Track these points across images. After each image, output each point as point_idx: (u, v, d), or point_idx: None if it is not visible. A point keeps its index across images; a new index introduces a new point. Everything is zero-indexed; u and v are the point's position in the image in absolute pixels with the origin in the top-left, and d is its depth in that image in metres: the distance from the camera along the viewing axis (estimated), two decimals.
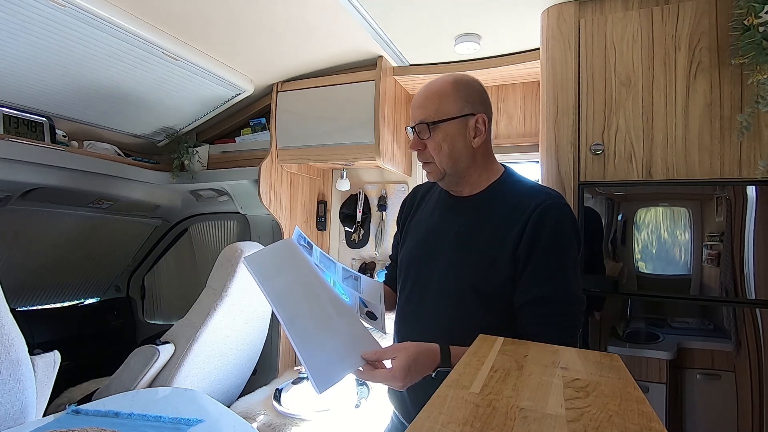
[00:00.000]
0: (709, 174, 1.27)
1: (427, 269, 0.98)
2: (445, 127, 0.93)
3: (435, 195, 1.07)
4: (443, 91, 0.93)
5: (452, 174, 0.96)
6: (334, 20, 1.62)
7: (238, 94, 2.08)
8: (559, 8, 1.48)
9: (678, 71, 1.32)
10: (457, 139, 0.93)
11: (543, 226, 0.86)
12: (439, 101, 0.93)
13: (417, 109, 0.95)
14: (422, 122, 0.93)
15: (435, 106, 0.93)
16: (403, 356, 0.77)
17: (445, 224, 0.99)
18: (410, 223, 1.08)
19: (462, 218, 0.97)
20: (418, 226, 1.05)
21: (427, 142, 0.94)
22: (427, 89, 0.95)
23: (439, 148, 0.93)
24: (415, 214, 1.08)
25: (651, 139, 1.34)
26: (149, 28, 1.55)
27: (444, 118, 0.92)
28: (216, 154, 2.31)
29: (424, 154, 0.96)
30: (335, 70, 2.05)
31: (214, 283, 1.69)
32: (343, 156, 2.01)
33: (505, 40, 1.74)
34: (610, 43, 1.40)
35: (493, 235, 0.91)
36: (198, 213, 2.56)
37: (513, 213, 0.90)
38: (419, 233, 1.03)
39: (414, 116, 0.95)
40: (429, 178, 1.00)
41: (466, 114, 0.93)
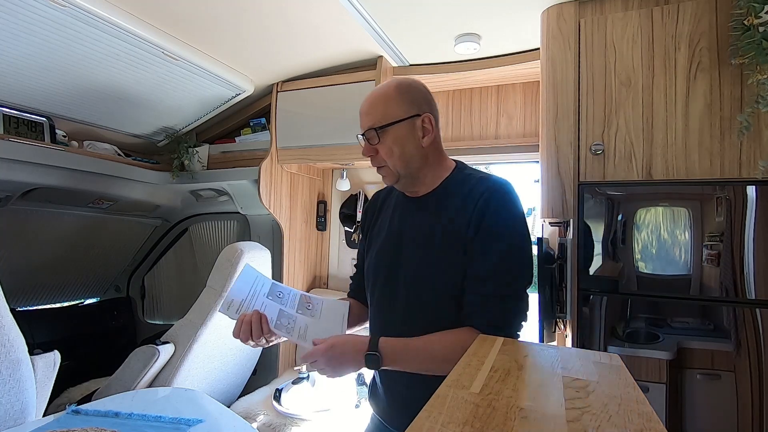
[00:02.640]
0: (709, 174, 1.27)
1: (393, 274, 0.98)
2: (393, 131, 0.94)
3: (394, 199, 1.07)
4: (387, 96, 0.95)
5: (406, 175, 0.97)
6: (334, 20, 1.62)
7: (238, 94, 2.08)
8: (559, 8, 1.48)
9: (678, 71, 1.32)
10: (407, 141, 0.94)
11: (486, 211, 0.89)
12: (385, 106, 0.94)
13: (364, 117, 0.96)
14: (371, 128, 0.94)
15: (381, 111, 0.94)
16: (331, 339, 0.86)
17: (405, 226, 1.00)
18: (373, 230, 1.09)
19: (419, 218, 0.98)
20: (380, 232, 1.05)
21: (378, 147, 0.95)
22: (372, 96, 0.97)
23: (391, 152, 0.94)
24: (376, 221, 1.09)
25: (651, 139, 1.34)
26: (149, 28, 1.55)
27: (391, 122, 0.93)
28: (216, 154, 2.31)
29: (376, 158, 0.96)
30: (335, 70, 2.05)
31: (214, 283, 1.69)
32: (343, 156, 2.01)
33: (505, 40, 1.74)
34: (610, 43, 1.40)
35: (449, 230, 0.93)
36: (198, 213, 2.56)
37: (464, 205, 0.93)
38: (381, 239, 1.03)
39: (362, 124, 0.96)
40: (385, 182, 1.01)
41: (413, 115, 0.94)
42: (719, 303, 1.28)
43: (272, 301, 0.97)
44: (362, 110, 0.97)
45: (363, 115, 0.96)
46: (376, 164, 0.98)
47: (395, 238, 1.00)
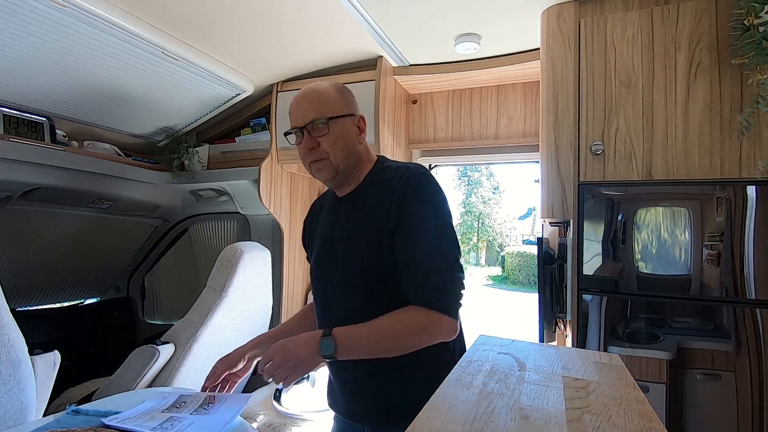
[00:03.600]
0: (709, 174, 1.27)
1: (328, 278, 1.00)
2: (340, 123, 0.96)
3: (325, 204, 1.09)
4: (329, 93, 0.97)
5: (344, 170, 0.97)
6: (334, 20, 1.62)
7: (238, 94, 2.08)
8: (559, 8, 1.48)
9: (678, 71, 1.32)
10: (350, 135, 0.97)
11: (405, 195, 0.92)
12: (328, 101, 0.96)
13: (307, 109, 0.95)
14: (318, 119, 0.94)
15: (326, 104, 0.96)
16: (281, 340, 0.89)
17: (336, 226, 1.02)
18: (312, 238, 1.09)
19: (345, 216, 1.00)
20: (316, 239, 1.06)
21: (322, 140, 0.94)
22: (311, 91, 0.97)
23: (335, 144, 0.95)
24: (314, 230, 1.09)
25: (651, 139, 1.34)
26: (149, 28, 1.55)
27: (339, 115, 0.95)
28: (216, 154, 2.30)
29: (317, 151, 0.95)
30: (335, 70, 2.05)
31: (214, 283, 1.68)
32: None
33: (505, 40, 1.74)
34: (610, 43, 1.40)
35: (372, 221, 0.94)
36: (198, 213, 2.56)
37: (384, 195, 0.94)
38: (317, 245, 1.04)
39: (303, 116, 0.95)
40: (319, 177, 0.99)
41: (352, 113, 0.99)
42: (719, 303, 1.28)
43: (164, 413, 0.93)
44: (300, 105, 0.96)
45: (304, 109, 0.95)
46: (314, 157, 0.96)
47: (326, 242, 1.02)
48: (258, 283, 1.82)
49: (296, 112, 0.97)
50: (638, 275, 1.36)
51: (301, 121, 0.95)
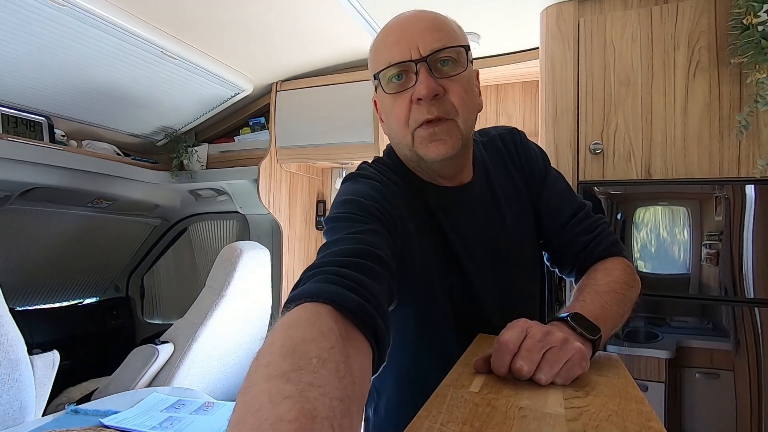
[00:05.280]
0: (708, 173, 1.27)
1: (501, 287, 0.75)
2: (469, 67, 0.67)
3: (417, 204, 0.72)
4: (451, 21, 0.69)
5: (466, 144, 0.69)
6: (332, 19, 1.62)
7: (237, 94, 2.08)
8: (558, 7, 1.48)
9: (677, 70, 1.32)
10: (474, 90, 0.69)
11: (529, 156, 0.81)
12: (455, 28, 0.68)
13: (425, 33, 0.63)
14: (447, 47, 0.63)
15: (455, 32, 0.67)
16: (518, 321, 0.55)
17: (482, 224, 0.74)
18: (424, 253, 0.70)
19: (485, 205, 0.76)
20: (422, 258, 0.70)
21: (450, 85, 0.64)
22: (426, 13, 0.67)
23: (465, 95, 0.65)
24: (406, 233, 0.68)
25: (650, 138, 1.34)
26: (148, 27, 1.54)
27: (468, 53, 0.67)
28: (215, 153, 2.30)
29: (442, 102, 0.63)
30: (334, 70, 2.05)
31: (213, 283, 1.68)
32: (343, 155, 2.01)
33: (505, 40, 1.74)
34: (609, 43, 1.40)
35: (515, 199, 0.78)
36: (197, 212, 2.56)
37: (504, 165, 0.81)
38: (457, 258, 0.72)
39: (420, 42, 0.62)
40: (434, 153, 0.65)
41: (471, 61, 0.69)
42: (718, 302, 1.28)
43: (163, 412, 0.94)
44: (415, 26, 0.64)
45: (420, 31, 0.63)
46: (436, 113, 0.63)
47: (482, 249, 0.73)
48: (257, 282, 1.82)
49: (403, 37, 0.63)
50: (637, 274, 1.36)
51: (415, 49, 0.62)
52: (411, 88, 0.63)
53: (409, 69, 0.63)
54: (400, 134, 0.67)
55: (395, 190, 0.67)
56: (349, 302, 0.42)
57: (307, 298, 0.42)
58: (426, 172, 0.72)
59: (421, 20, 0.65)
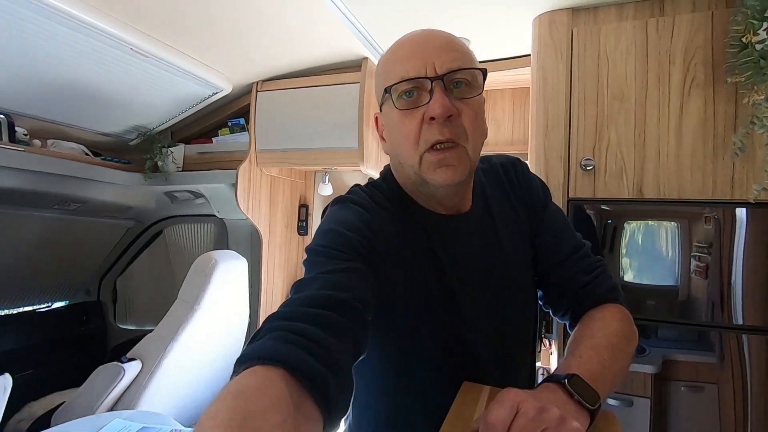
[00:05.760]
0: (701, 194, 1.24)
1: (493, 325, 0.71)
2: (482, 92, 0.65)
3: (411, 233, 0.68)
4: (463, 43, 0.65)
5: (472, 171, 0.67)
6: (316, 19, 1.53)
7: (215, 93, 1.97)
8: (551, 15, 1.42)
9: (672, 86, 1.27)
10: (485, 117, 0.67)
11: (529, 186, 0.79)
12: (468, 50, 0.65)
13: (442, 51, 0.60)
14: (463, 68, 0.61)
15: (468, 53, 0.64)
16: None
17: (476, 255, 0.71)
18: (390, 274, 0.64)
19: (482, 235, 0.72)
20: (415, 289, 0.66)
21: (464, 107, 0.61)
22: (441, 32, 0.64)
23: (476, 119, 0.63)
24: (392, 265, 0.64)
25: (643, 155, 1.29)
26: (116, 23, 1.43)
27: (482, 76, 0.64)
28: (192, 154, 2.20)
29: (454, 125, 0.60)
30: (318, 71, 1.96)
31: (185, 295, 1.60)
32: (326, 160, 1.93)
33: (495, 45, 1.68)
34: (603, 54, 1.35)
35: (514, 231, 0.75)
36: (173, 215, 2.46)
37: (504, 195, 0.78)
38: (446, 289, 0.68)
39: (437, 59, 0.60)
40: (445, 178, 0.62)
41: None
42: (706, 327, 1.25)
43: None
44: (431, 42, 0.62)
45: (437, 48, 0.60)
46: (447, 135, 0.60)
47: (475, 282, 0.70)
48: (234, 294, 1.74)
49: (418, 52, 0.61)
50: (624, 285, 1.33)
51: (431, 66, 0.59)
52: (423, 106, 0.61)
53: (422, 86, 0.61)
54: (406, 154, 0.64)
55: (386, 219, 0.65)
56: (302, 365, 0.42)
57: (259, 360, 0.41)
58: (425, 197, 0.69)
59: (437, 38, 0.63)
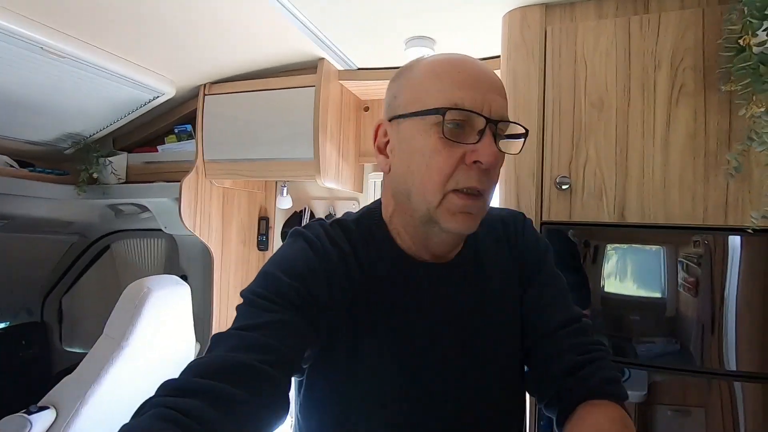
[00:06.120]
0: (690, 218, 1.08)
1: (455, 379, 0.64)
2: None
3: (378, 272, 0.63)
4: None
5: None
6: (265, 17, 1.34)
7: (155, 97, 1.77)
8: (522, 12, 1.25)
9: (658, 94, 1.11)
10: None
11: (527, 244, 0.73)
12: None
13: (503, 98, 0.59)
14: (522, 126, 0.62)
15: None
16: None
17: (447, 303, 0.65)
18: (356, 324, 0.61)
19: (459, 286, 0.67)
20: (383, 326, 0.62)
21: (501, 159, 0.60)
22: (495, 74, 0.61)
23: (499, 176, 0.62)
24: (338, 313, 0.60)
25: (625, 173, 1.13)
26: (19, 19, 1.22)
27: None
28: (137, 164, 1.99)
29: (490, 177, 0.59)
30: (271, 72, 1.77)
31: (111, 330, 1.40)
32: (279, 172, 1.74)
33: (462, 46, 1.51)
34: (580, 57, 1.18)
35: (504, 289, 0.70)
36: (120, 229, 2.24)
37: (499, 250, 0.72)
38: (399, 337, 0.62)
39: (497, 102, 0.57)
40: (462, 226, 0.59)
41: None
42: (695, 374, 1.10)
43: None
44: (490, 79, 0.58)
45: (497, 90, 0.58)
46: (485, 185, 0.58)
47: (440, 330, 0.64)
48: (173, 326, 1.54)
49: (477, 84, 0.56)
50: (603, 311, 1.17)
51: (488, 106, 0.56)
52: (468, 145, 0.56)
53: (473, 123, 0.57)
54: (426, 187, 0.58)
55: (340, 264, 0.61)
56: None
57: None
58: (415, 239, 0.65)
59: (492, 77, 0.59)
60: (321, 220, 0.67)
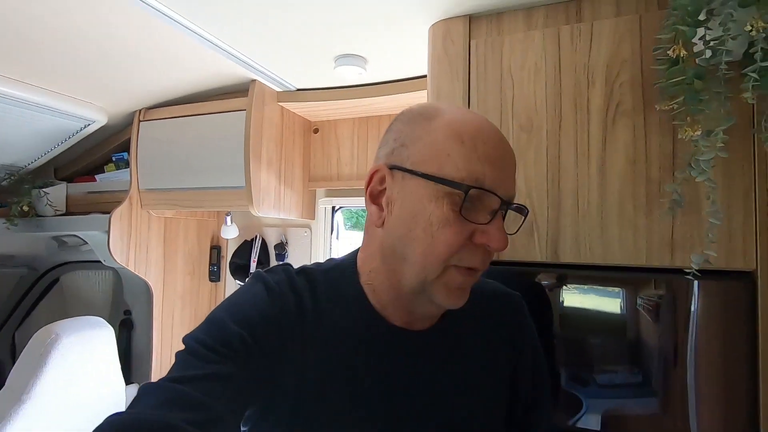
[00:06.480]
0: (632, 258, 0.92)
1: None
2: None
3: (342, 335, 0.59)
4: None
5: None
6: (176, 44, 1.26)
7: (86, 125, 1.68)
8: (446, 25, 1.12)
9: (592, 113, 0.96)
10: None
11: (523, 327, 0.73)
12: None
13: (515, 177, 0.59)
14: (525, 207, 0.63)
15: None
16: None
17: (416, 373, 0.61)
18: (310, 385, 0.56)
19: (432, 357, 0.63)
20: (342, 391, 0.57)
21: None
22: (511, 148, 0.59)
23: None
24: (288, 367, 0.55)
25: (558, 205, 0.98)
26: None
27: None
28: (78, 194, 1.90)
29: (491, 257, 0.58)
30: (206, 96, 1.67)
31: (13, 382, 1.28)
32: (214, 202, 1.63)
33: (393, 64, 1.39)
34: (507, 73, 1.04)
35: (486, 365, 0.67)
36: (68, 261, 2.15)
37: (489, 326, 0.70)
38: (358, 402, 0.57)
39: (513, 183, 0.58)
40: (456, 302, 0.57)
41: None
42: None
43: None
44: (510, 158, 0.58)
45: (513, 170, 0.58)
46: (484, 267, 0.57)
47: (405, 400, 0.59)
48: (91, 372, 1.42)
49: (500, 164, 0.55)
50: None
51: (505, 186, 0.55)
52: (478, 225, 0.54)
53: (488, 202, 0.54)
54: (428, 260, 0.54)
55: (297, 318, 0.57)
56: None
57: None
58: (396, 303, 0.60)
59: (510, 151, 0.58)
60: (286, 265, 0.64)
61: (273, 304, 0.56)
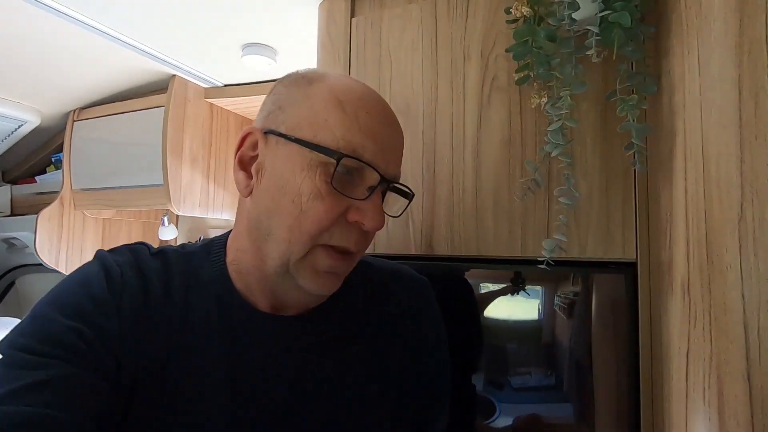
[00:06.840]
0: (507, 249, 0.81)
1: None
2: None
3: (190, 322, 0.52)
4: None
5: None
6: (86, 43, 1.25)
7: (20, 126, 1.67)
8: (330, 4, 1.05)
9: (467, 91, 0.87)
10: None
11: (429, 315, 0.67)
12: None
13: (400, 157, 0.55)
14: (409, 189, 0.59)
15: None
16: None
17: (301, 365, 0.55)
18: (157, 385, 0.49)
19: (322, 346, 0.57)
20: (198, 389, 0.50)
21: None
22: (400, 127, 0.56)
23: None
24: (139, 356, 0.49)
25: (433, 193, 0.89)
26: None
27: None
28: (23, 195, 1.90)
29: (366, 238, 0.54)
30: (133, 94, 1.64)
31: None
32: (138, 201, 1.59)
33: (304, 55, 1.32)
34: (385, 52, 0.96)
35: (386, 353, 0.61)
36: (23, 264, 2.15)
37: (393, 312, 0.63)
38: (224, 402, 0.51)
39: (395, 161, 0.54)
40: (323, 288, 0.51)
41: None
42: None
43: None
44: (397, 134, 0.54)
45: (397, 147, 0.54)
46: (359, 248, 0.52)
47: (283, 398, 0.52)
48: None
49: (383, 138, 0.50)
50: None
51: (385, 162, 0.50)
52: (354, 200, 0.49)
53: (367, 176, 0.49)
54: (294, 235, 0.48)
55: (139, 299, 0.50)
56: None
57: None
58: (258, 286, 0.53)
59: (397, 126, 0.55)
60: (140, 244, 0.56)
61: (109, 287, 0.48)
